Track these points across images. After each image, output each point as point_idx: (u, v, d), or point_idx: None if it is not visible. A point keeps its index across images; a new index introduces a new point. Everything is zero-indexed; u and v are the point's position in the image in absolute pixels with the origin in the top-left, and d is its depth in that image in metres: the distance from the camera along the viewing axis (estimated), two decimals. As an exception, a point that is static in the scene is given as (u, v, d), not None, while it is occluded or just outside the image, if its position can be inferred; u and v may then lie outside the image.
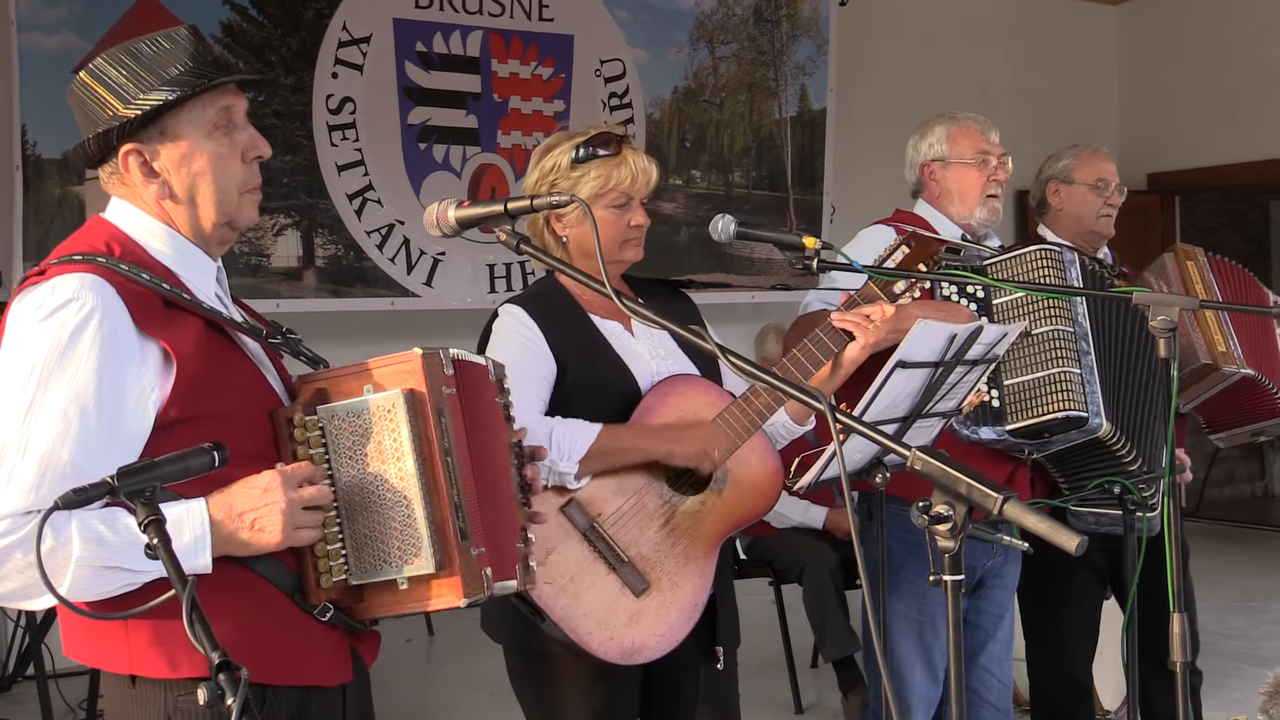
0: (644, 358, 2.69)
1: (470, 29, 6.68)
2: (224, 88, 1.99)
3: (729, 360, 1.83)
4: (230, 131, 2.00)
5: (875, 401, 2.38)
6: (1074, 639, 3.81)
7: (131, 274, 1.90)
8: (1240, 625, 6.61)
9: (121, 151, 1.97)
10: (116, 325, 1.85)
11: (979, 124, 3.48)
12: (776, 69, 7.65)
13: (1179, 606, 2.66)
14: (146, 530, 1.63)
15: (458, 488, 1.92)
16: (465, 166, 6.72)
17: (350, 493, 1.94)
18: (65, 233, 5.62)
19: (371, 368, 1.95)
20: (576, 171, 2.66)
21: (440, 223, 2.13)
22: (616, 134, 2.70)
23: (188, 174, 1.98)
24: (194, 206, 2.00)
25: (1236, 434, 3.99)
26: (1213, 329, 3.68)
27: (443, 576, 1.91)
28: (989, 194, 3.41)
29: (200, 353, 1.91)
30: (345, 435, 1.94)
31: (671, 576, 2.56)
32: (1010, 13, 8.96)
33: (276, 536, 1.87)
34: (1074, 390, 3.06)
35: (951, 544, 1.61)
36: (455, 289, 6.67)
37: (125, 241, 1.97)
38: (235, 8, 6.12)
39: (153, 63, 1.94)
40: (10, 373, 1.84)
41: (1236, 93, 8.87)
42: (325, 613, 1.96)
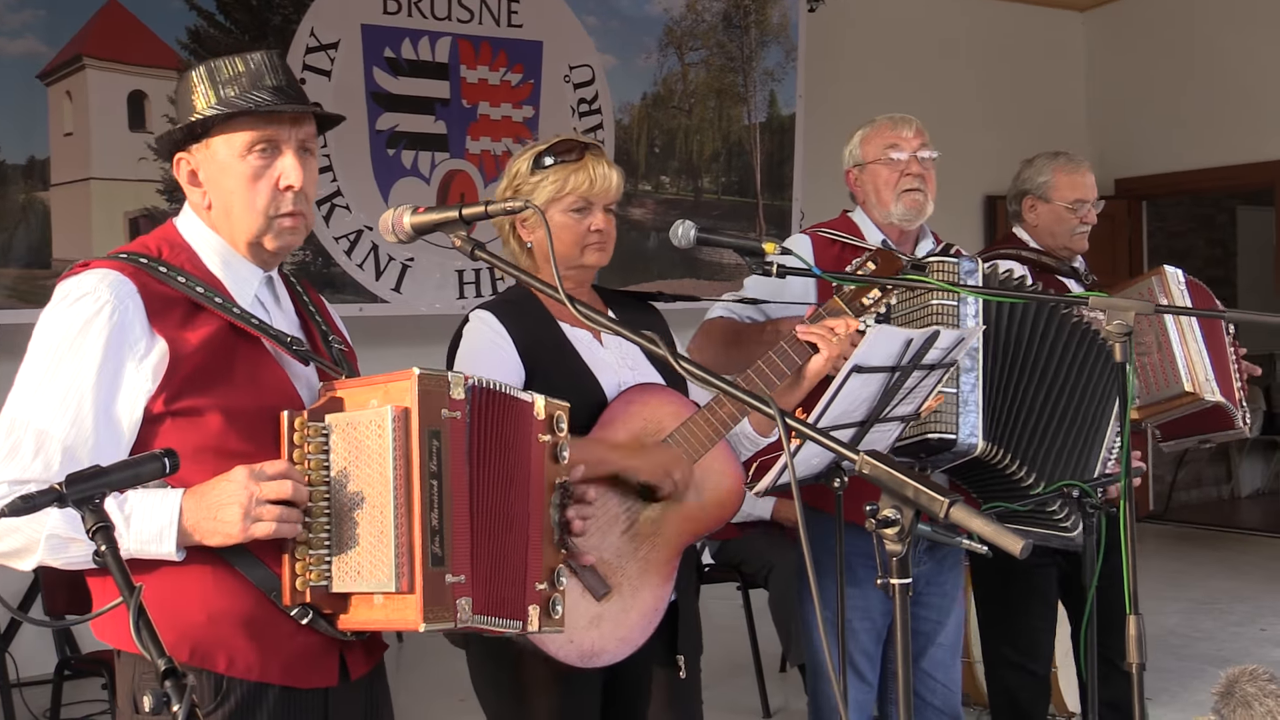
0: (611, 367, 2.71)
1: (439, 35, 6.68)
2: (283, 117, 2.08)
3: (681, 366, 1.83)
4: (270, 157, 2.08)
5: (831, 406, 2.39)
6: (1038, 633, 3.85)
7: (167, 276, 2.04)
8: (1207, 627, 6.65)
9: (175, 158, 2.13)
10: (126, 320, 1.98)
11: (890, 121, 3.45)
12: (745, 75, 7.67)
13: (1134, 608, 2.69)
14: (94, 537, 1.64)
15: (440, 512, 1.93)
16: (434, 172, 6.72)
17: (341, 501, 1.97)
18: (29, 239, 5.71)
19: (385, 382, 1.98)
20: (535, 176, 2.68)
21: (395, 229, 2.13)
22: (580, 141, 2.73)
23: (221, 190, 2.11)
24: (229, 220, 2.12)
25: (1184, 441, 4.05)
26: (1195, 357, 3.70)
27: (405, 596, 1.90)
28: (904, 189, 3.36)
29: (205, 351, 2.01)
30: (344, 445, 1.98)
31: (632, 582, 2.57)
32: (978, 19, 9.02)
33: (234, 528, 1.92)
34: (946, 411, 2.99)
35: (899, 547, 1.63)
36: (424, 295, 6.67)
37: (176, 244, 2.12)
38: (202, 14, 6.10)
39: (219, 81, 2.07)
40: (33, 352, 2.01)
41: (1204, 99, 8.94)
42: (304, 616, 2.00)
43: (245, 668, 2.01)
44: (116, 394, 1.98)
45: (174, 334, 2.00)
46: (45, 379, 1.98)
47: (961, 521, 1.56)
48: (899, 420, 2.72)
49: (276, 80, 2.09)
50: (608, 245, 2.72)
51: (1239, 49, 8.74)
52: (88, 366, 1.96)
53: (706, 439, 2.61)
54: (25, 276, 5.71)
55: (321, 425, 2.00)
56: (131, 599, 1.55)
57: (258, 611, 2.01)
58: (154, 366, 1.99)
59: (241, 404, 2.02)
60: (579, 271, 2.73)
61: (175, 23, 6.04)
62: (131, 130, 5.97)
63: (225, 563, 1.99)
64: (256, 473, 1.92)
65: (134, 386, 1.98)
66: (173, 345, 1.99)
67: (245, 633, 2.00)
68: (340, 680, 2.11)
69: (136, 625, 1.54)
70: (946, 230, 3.72)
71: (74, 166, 5.83)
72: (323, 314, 2.32)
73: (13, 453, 1.95)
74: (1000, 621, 3.90)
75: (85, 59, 5.84)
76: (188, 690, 1.46)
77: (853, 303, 2.73)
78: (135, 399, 1.99)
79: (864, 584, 3.18)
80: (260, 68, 2.09)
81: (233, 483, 1.92)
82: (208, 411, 2.00)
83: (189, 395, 1.99)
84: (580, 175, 2.66)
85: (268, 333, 2.09)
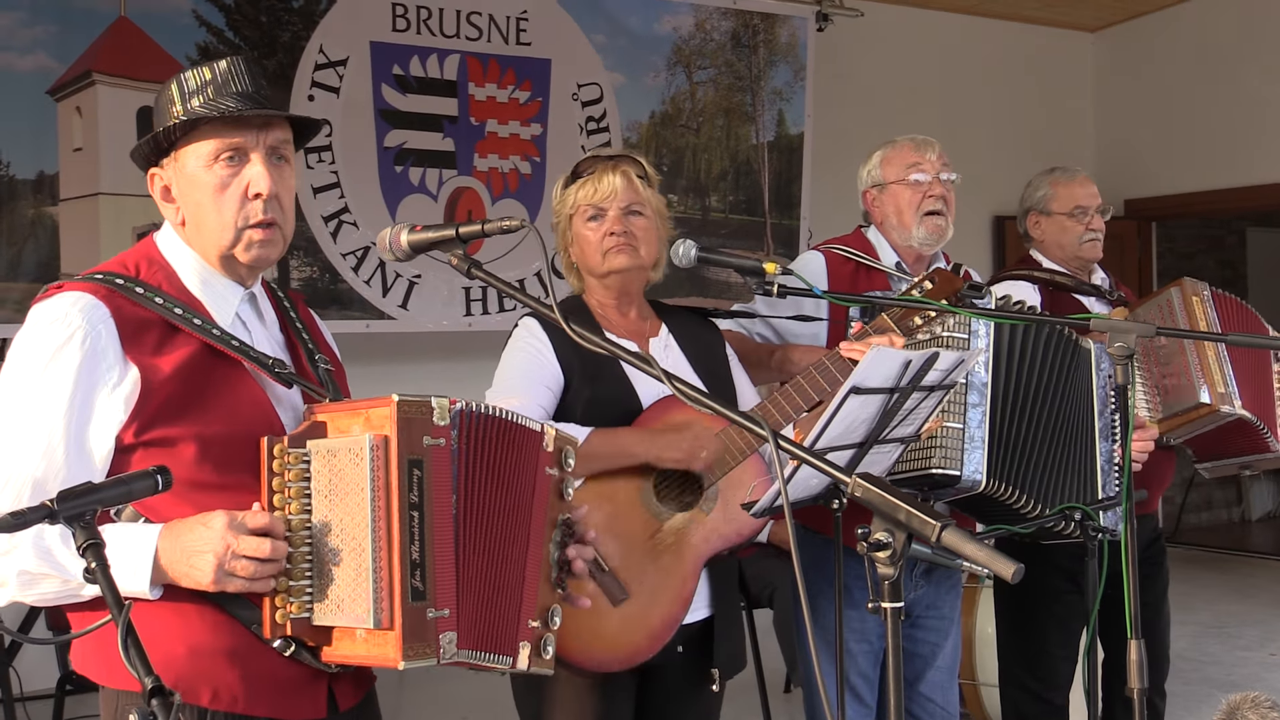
0: (652, 379, 2.72)
1: (448, 52, 6.69)
2: (250, 123, 2.02)
3: (674, 386, 1.83)
4: (238, 165, 2.02)
5: (829, 428, 2.38)
6: (1056, 661, 3.81)
7: (144, 297, 1.97)
8: (1214, 651, 6.62)
9: (149, 174, 2.09)
10: (99, 347, 1.92)
11: (913, 143, 3.43)
12: (754, 94, 7.68)
13: (1136, 634, 2.68)
14: (85, 554, 1.63)
15: (421, 544, 1.87)
16: (442, 189, 6.72)
17: (322, 533, 1.91)
18: (38, 254, 5.72)
19: (366, 408, 1.92)
20: (560, 197, 2.82)
21: (393, 247, 2.14)
22: (604, 155, 2.83)
23: (191, 203, 2.05)
24: (200, 234, 2.06)
25: (1223, 465, 3.97)
26: (1214, 369, 3.66)
27: (384, 633, 1.85)
28: (926, 211, 3.35)
29: (180, 377, 1.95)
30: (325, 473, 1.92)
31: (651, 590, 2.59)
32: (988, 39, 9.01)
33: (206, 579, 1.87)
34: (950, 448, 2.95)
35: (891, 571, 1.62)
36: (431, 312, 6.66)
37: (155, 261, 2.06)
38: (212, 30, 6.12)
39: (187, 92, 2.02)
40: (4, 380, 1.96)
41: (1213, 120, 8.92)
42: (286, 648, 1.95)
43: (230, 700, 1.96)
44: (88, 424, 1.92)
45: (147, 361, 1.94)
46: (15, 409, 1.92)
47: (953, 546, 1.55)
48: (898, 442, 2.71)
49: (242, 86, 2.03)
50: (631, 246, 2.77)
51: (1249, 70, 8.72)
52: (59, 396, 1.90)
53: (738, 452, 2.65)
54: (33, 291, 5.59)
55: (303, 452, 1.93)
56: (120, 616, 1.55)
57: (241, 643, 1.96)
58: (126, 396, 1.93)
59: (217, 432, 1.96)
60: (614, 279, 2.80)
61: (185, 39, 6.05)
62: (140, 146, 5.98)
63: (207, 596, 1.93)
64: (236, 524, 1.87)
65: (106, 416, 1.93)
66: (145, 373, 1.93)
67: (229, 664, 1.95)
68: (329, 712, 2.07)
69: (124, 642, 1.53)
70: (956, 251, 3.71)
71: (83, 182, 5.84)
72: (311, 331, 2.27)
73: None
74: (1019, 647, 3.86)
75: (95, 75, 5.86)
76: (174, 709, 1.45)
77: (901, 322, 2.73)
78: (107, 429, 1.93)
79: (861, 606, 3.18)
80: (226, 74, 2.03)
81: (210, 530, 1.87)
82: (181, 441, 1.94)
83: (161, 424, 1.94)
84: (587, 188, 2.76)
85: (248, 355, 2.04)
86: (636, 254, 2.78)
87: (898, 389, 2.44)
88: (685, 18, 7.41)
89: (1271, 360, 3.85)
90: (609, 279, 2.80)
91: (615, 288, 2.82)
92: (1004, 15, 9.01)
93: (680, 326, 2.90)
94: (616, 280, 2.81)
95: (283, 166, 2.08)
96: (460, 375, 2.26)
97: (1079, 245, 3.85)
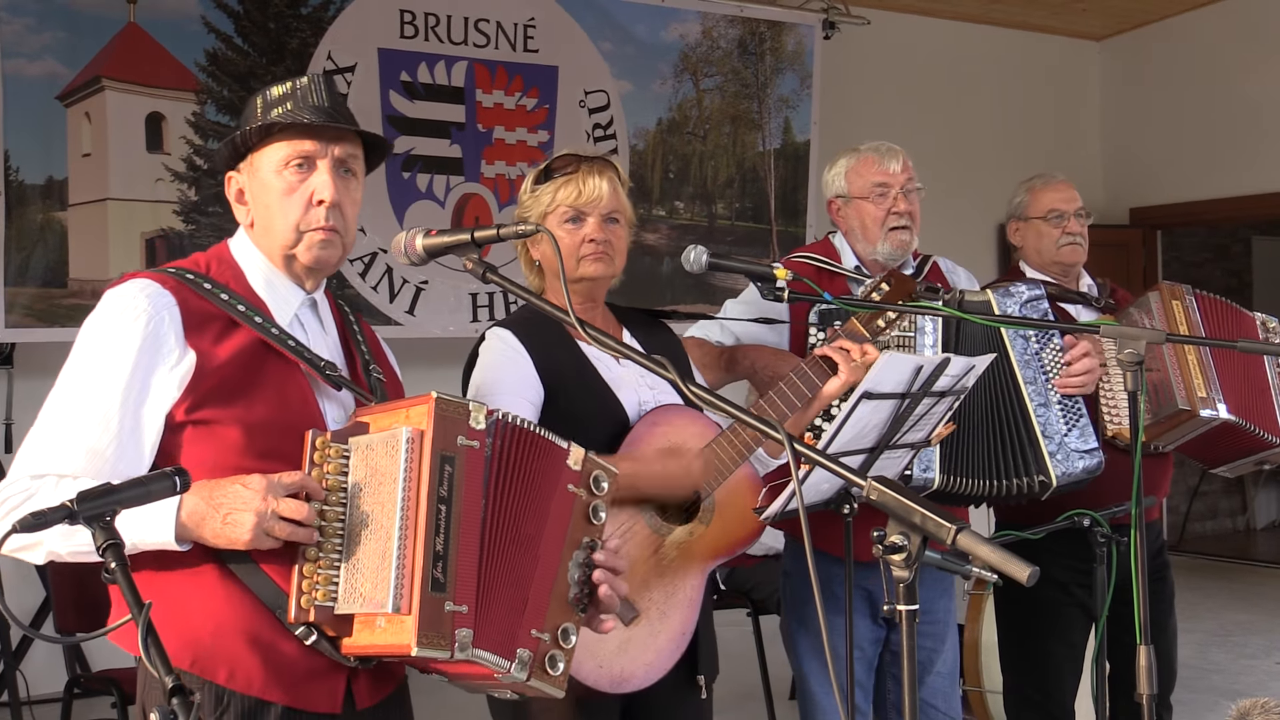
0: (631, 385, 2.70)
1: (455, 59, 6.71)
2: (321, 134, 2.14)
3: (687, 389, 1.84)
4: (306, 173, 2.14)
5: (841, 432, 2.40)
6: (1061, 675, 3.79)
7: (210, 292, 2.09)
8: (1219, 660, 6.62)
9: (226, 177, 2.22)
10: (161, 330, 2.03)
11: (878, 154, 3.43)
12: (760, 102, 7.69)
13: (1145, 639, 2.68)
14: (104, 554, 1.64)
15: (446, 538, 1.90)
16: (449, 196, 6.74)
17: (353, 523, 1.97)
18: (47, 259, 5.74)
19: (406, 406, 2.00)
20: (534, 191, 2.74)
21: (408, 251, 2.15)
22: (582, 155, 2.74)
23: (260, 205, 2.17)
24: (266, 236, 2.18)
25: (1239, 465, 3.94)
26: (1193, 372, 3.62)
27: (401, 618, 1.88)
28: (891, 226, 3.36)
29: (234, 365, 2.05)
30: (363, 466, 1.98)
31: (660, 606, 2.57)
32: (994, 48, 9.03)
33: (246, 535, 1.92)
34: None
35: (906, 574, 1.62)
36: (438, 318, 6.68)
37: (225, 261, 2.18)
38: (220, 36, 6.14)
39: (269, 103, 2.16)
40: (73, 355, 2.07)
41: (1218, 128, 8.94)
42: (308, 636, 1.99)
43: (245, 682, 2.01)
44: (145, 400, 2.03)
45: (205, 348, 2.04)
46: (80, 381, 2.04)
47: (968, 548, 1.56)
48: (909, 447, 2.72)
49: (319, 100, 2.16)
50: (608, 255, 2.70)
51: (1254, 79, 8.73)
52: (120, 371, 2.01)
53: (731, 461, 2.63)
54: (42, 296, 5.74)
55: (344, 447, 2.01)
56: (140, 616, 1.56)
57: (263, 628, 2.01)
58: (181, 376, 2.03)
59: (261, 420, 2.05)
60: (583, 285, 2.72)
61: (194, 45, 6.08)
62: (149, 152, 6.00)
63: (235, 576, 2.00)
64: (274, 485, 1.93)
65: (161, 394, 2.03)
66: (201, 358, 2.04)
67: (249, 647, 2.01)
68: (346, 709, 2.09)
69: (144, 642, 1.55)
70: (962, 259, 3.72)
71: (92, 187, 5.87)
72: (370, 344, 2.35)
73: (40, 449, 2.01)
74: (1021, 658, 3.85)
75: (104, 80, 5.88)
76: (194, 708, 1.46)
77: (869, 325, 2.74)
78: (160, 406, 2.03)
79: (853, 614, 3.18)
80: (306, 89, 2.17)
81: (249, 489, 1.93)
82: (225, 424, 2.03)
83: (210, 406, 2.03)
84: (569, 188, 2.68)
85: (302, 355, 2.12)
86: (611, 263, 2.72)
87: (909, 394, 2.46)
88: (692, 25, 7.43)
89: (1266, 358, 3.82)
90: (578, 285, 2.71)
91: (582, 293, 2.73)
92: (1010, 24, 9.02)
93: (640, 330, 2.85)
94: (585, 287, 2.73)
95: (349, 179, 2.19)
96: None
97: (1056, 249, 3.80)
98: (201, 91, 6.11)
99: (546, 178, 2.73)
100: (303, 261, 2.17)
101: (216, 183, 6.12)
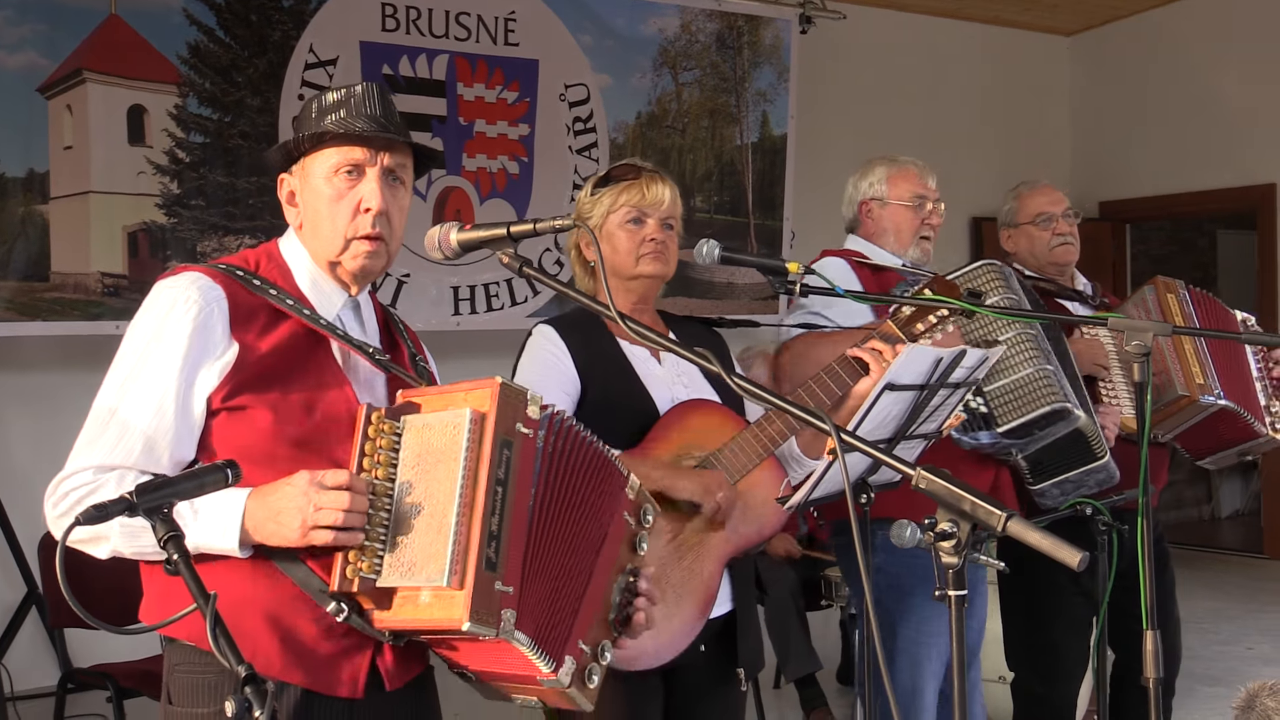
0: (665, 382, 2.79)
1: (436, 53, 6.71)
2: (372, 143, 2.17)
3: (734, 382, 1.87)
4: (355, 180, 2.18)
5: (863, 423, 2.44)
6: (1070, 664, 3.87)
7: (259, 288, 2.14)
8: (1193, 646, 6.69)
9: (279, 178, 2.26)
10: (210, 322, 2.08)
11: (918, 169, 3.61)
12: (738, 95, 7.73)
13: (1152, 624, 2.73)
14: (165, 546, 1.66)
15: (500, 519, 1.94)
16: (430, 189, 6.74)
17: (403, 498, 1.99)
18: (28, 252, 5.70)
19: (464, 389, 2.03)
20: (594, 197, 2.84)
21: (442, 245, 2.16)
22: (639, 164, 2.89)
23: (310, 210, 2.21)
24: (314, 239, 2.22)
25: (1223, 457, 4.07)
26: (1191, 362, 3.74)
27: (454, 593, 1.89)
28: (921, 235, 3.55)
29: (275, 354, 2.10)
30: (415, 444, 2.01)
31: (676, 589, 2.62)
32: (966, 43, 9.11)
33: (294, 533, 1.97)
34: (1053, 386, 3.18)
35: (955, 560, 1.66)
36: (419, 311, 6.67)
37: (274, 259, 2.23)
38: (203, 28, 6.11)
39: (324, 108, 2.20)
40: (125, 345, 2.12)
41: (1186, 123, 9.06)
42: (340, 612, 2.01)
43: (265, 663, 2.01)
44: (193, 388, 2.07)
45: (249, 341, 2.09)
46: (133, 371, 2.08)
47: (1019, 535, 1.60)
48: (923, 438, 2.76)
49: (372, 110, 2.20)
50: (664, 255, 2.83)
51: (1221, 75, 8.86)
52: (172, 361, 2.05)
53: (755, 455, 2.70)
54: (23, 289, 5.71)
55: (397, 424, 2.04)
56: (207, 607, 1.58)
57: (286, 609, 2.04)
58: (223, 365, 2.07)
59: (298, 405, 2.08)
60: (640, 283, 2.84)
61: (175, 38, 6.05)
62: (131, 144, 5.97)
63: (264, 557, 2.02)
64: (317, 480, 1.96)
65: (205, 383, 2.07)
66: (244, 350, 2.08)
67: (269, 628, 2.03)
68: (370, 692, 2.10)
69: (214, 632, 1.57)
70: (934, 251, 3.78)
71: (73, 180, 5.83)
72: (414, 341, 2.40)
73: (99, 439, 2.05)
74: (1026, 649, 3.92)
75: (86, 73, 5.84)
76: (269, 696, 1.48)
77: (906, 328, 2.77)
78: (203, 394, 2.07)
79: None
80: (361, 97, 2.21)
81: (294, 487, 1.97)
82: (261, 409, 2.07)
83: (246, 392, 2.07)
84: (633, 190, 2.81)
85: (350, 341, 2.17)
86: (667, 264, 2.84)
87: (928, 385, 2.50)
88: (671, 19, 7.46)
89: (1247, 351, 3.94)
90: (634, 283, 2.83)
91: (637, 292, 2.85)
92: (982, 19, 9.11)
93: (688, 335, 2.92)
94: (641, 285, 2.84)
95: (397, 188, 2.23)
96: (448, 374, 2.26)
97: (1049, 251, 3.94)
98: (183, 84, 6.08)
99: (606, 183, 2.84)
100: (348, 269, 2.21)
101: (199, 176, 6.14)
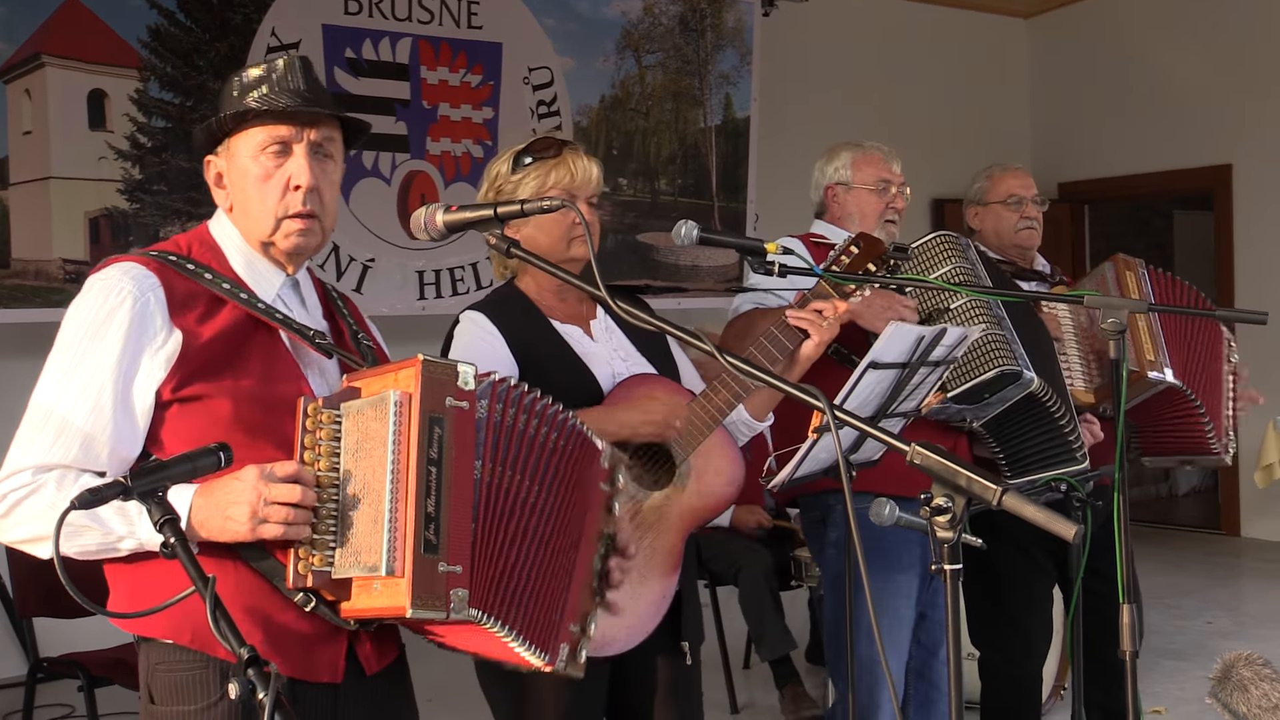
0: (603, 359, 2.73)
1: (400, 35, 6.68)
2: (296, 118, 2.12)
3: (723, 359, 1.88)
4: (282, 157, 2.13)
5: (847, 401, 2.45)
6: (1034, 641, 3.91)
7: (193, 273, 2.08)
8: (1154, 621, 6.79)
9: (205, 161, 2.20)
10: (147, 312, 2.03)
11: (883, 153, 3.64)
12: (701, 78, 7.74)
13: (1128, 597, 2.77)
14: (162, 529, 1.66)
15: (437, 499, 1.90)
16: (395, 173, 6.71)
17: (345, 488, 1.96)
18: (-14, 236, 5.63)
19: (395, 370, 1.99)
20: (516, 175, 2.73)
21: (428, 227, 2.15)
22: (557, 139, 2.77)
23: (238, 190, 2.16)
24: (245, 220, 2.17)
25: (1165, 460, 4.13)
26: (1144, 338, 3.78)
27: (396, 580, 1.87)
28: (886, 219, 3.58)
29: (220, 341, 2.05)
30: (354, 431, 1.98)
31: (640, 571, 2.59)
32: (926, 26, 9.16)
33: (243, 528, 1.93)
34: (1002, 348, 3.16)
35: (950, 534, 1.68)
36: (385, 296, 6.66)
37: (206, 243, 2.17)
38: (163, 11, 6.06)
39: (245, 86, 2.14)
40: (59, 342, 2.06)
41: (1143, 105, 9.14)
42: (307, 602, 2.00)
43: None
44: (133, 382, 2.02)
45: (191, 327, 2.04)
46: (69, 368, 2.02)
47: (1014, 509, 1.61)
48: (902, 416, 2.79)
49: (295, 84, 2.14)
50: (593, 237, 2.70)
51: (1177, 57, 8.95)
52: (108, 356, 2.01)
53: (705, 425, 2.66)
54: (-16, 276, 5.65)
55: (336, 413, 2.00)
56: (206, 590, 1.57)
57: (261, 600, 2.01)
58: (167, 355, 2.03)
59: (250, 393, 2.04)
60: (569, 265, 2.73)
61: (136, 21, 5.99)
62: (91, 129, 5.91)
63: (231, 550, 1.99)
64: (266, 474, 1.93)
65: (148, 375, 2.02)
66: (188, 337, 2.03)
67: (248, 617, 2.00)
68: (350, 677, 2.10)
69: (214, 615, 1.56)
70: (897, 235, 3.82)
71: (33, 165, 5.76)
72: (354, 316, 2.35)
73: (36, 438, 2.00)
74: (989, 625, 3.94)
75: (45, 57, 5.77)
76: (274, 677, 1.48)
77: (840, 287, 2.78)
78: (148, 386, 2.02)
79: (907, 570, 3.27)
80: (283, 72, 2.15)
81: (242, 482, 1.93)
82: (214, 398, 2.03)
83: (196, 382, 2.03)
84: (561, 170, 2.70)
85: (290, 326, 2.12)
86: (592, 244, 2.76)
87: (909, 364, 2.52)
88: (634, 2, 7.46)
89: (1224, 350, 3.98)
90: (570, 266, 2.71)
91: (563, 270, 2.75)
92: (943, 2, 9.15)
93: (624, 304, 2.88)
94: (571, 266, 2.72)
95: (326, 162, 2.18)
96: (414, 358, 2.27)
97: (1015, 233, 3.99)
98: (144, 68, 6.02)
99: (528, 160, 2.73)
100: (281, 248, 2.17)
101: (161, 161, 6.08)
